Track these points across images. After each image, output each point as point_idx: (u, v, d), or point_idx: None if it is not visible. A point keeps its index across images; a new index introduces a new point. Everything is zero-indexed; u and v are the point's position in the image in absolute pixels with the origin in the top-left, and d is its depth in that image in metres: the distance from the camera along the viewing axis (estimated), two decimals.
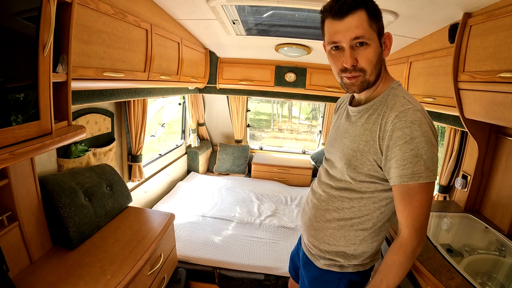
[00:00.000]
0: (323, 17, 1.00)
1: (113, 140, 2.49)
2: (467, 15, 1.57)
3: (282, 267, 2.38)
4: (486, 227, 1.83)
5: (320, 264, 1.21)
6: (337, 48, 0.98)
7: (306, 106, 11.32)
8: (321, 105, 4.91)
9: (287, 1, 1.86)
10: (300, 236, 1.43)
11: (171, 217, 2.09)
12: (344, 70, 0.99)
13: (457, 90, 1.65)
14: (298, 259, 1.44)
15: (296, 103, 11.12)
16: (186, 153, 4.50)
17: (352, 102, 1.17)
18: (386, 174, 0.98)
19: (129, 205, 2.17)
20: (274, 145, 7.72)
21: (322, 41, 1.09)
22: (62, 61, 1.19)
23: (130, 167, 2.81)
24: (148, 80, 2.07)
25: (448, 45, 1.75)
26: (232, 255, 2.49)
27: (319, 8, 1.00)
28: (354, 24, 0.91)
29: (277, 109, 12.21)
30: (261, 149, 5.10)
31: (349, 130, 1.09)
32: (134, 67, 1.86)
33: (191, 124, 4.38)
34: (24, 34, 0.97)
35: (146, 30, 1.90)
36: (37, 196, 1.51)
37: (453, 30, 1.66)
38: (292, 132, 11.11)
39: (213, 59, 3.61)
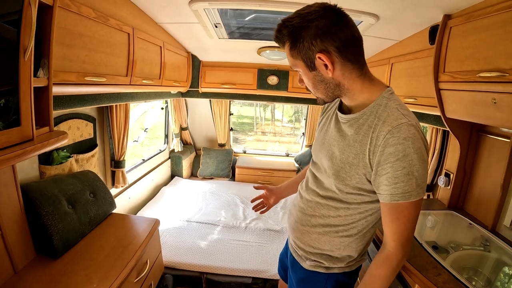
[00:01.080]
0: None
1: (96, 146, 2.44)
2: (447, 17, 1.60)
3: (269, 269, 2.39)
4: (470, 223, 1.87)
5: (306, 265, 1.21)
6: None
7: (289, 109, 11.33)
8: (303, 107, 4.95)
9: (268, 4, 1.87)
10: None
11: (156, 223, 2.07)
12: None
13: (438, 90, 1.67)
14: (287, 259, 1.44)
15: (279, 106, 11.15)
16: (169, 158, 4.46)
17: (341, 107, 1.13)
18: (375, 188, 0.96)
19: (113, 211, 2.13)
20: (258, 148, 7.73)
21: None
22: (43, 65, 1.16)
23: (113, 173, 2.76)
24: (130, 85, 2.05)
25: (428, 46, 1.77)
26: (219, 260, 2.48)
27: None
28: (286, 55, 1.01)
29: (260, 112, 12.20)
30: (244, 152, 5.11)
31: (338, 139, 1.06)
32: (116, 71, 1.84)
33: (174, 128, 4.34)
34: (4, 38, 0.94)
35: (128, 34, 1.89)
36: (19, 204, 1.46)
37: (433, 32, 1.70)
38: (275, 135, 11.11)
39: (195, 63, 3.60)
